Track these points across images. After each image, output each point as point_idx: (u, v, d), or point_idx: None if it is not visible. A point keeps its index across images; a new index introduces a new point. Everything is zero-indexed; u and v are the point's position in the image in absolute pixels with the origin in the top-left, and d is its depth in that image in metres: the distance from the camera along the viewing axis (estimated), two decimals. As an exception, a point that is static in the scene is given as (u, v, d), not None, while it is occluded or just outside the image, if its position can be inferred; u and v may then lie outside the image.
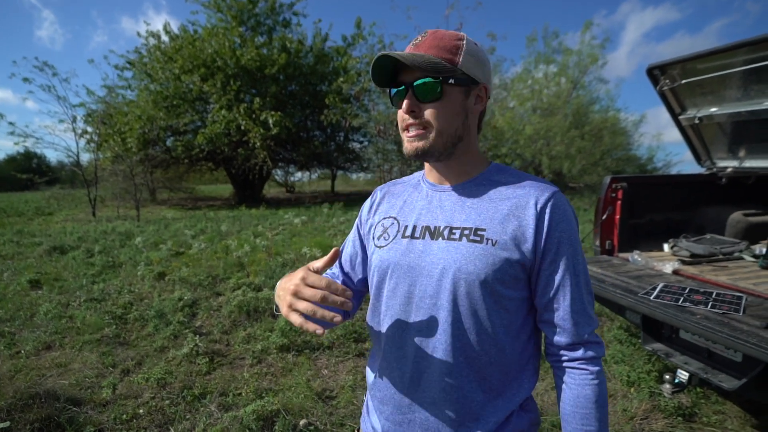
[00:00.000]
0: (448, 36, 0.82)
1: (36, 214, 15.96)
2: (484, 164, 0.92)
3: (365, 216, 1.04)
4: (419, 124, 0.83)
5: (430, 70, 0.79)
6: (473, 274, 0.79)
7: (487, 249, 0.80)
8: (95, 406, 2.74)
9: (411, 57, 0.78)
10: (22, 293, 5.11)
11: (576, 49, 18.95)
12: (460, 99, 0.84)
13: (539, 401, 2.80)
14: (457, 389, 0.83)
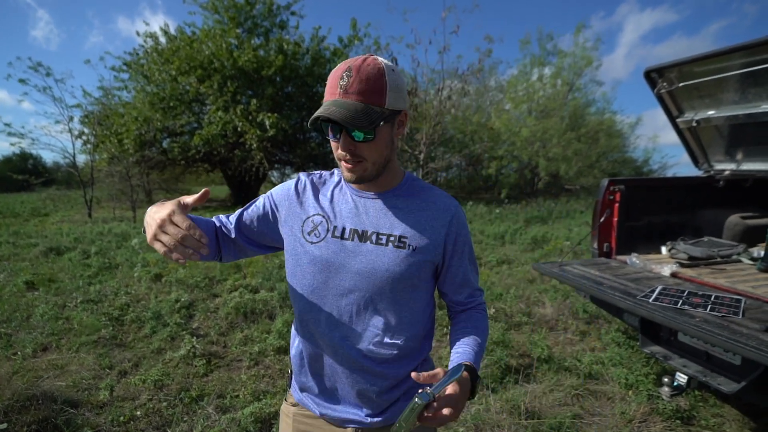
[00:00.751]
0: (373, 76, 0.90)
1: (32, 215, 15.86)
2: (401, 175, 1.09)
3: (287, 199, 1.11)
4: (354, 158, 0.95)
5: (365, 123, 0.88)
6: (398, 273, 1.00)
7: (409, 253, 1.00)
8: (92, 407, 2.72)
9: (347, 114, 0.87)
10: (19, 294, 5.07)
11: (570, 51, 19.07)
12: (389, 132, 0.97)
13: (536, 403, 2.80)
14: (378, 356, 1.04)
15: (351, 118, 0.87)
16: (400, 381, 1.08)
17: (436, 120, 12.08)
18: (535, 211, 13.63)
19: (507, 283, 5.53)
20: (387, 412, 1.09)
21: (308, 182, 1.13)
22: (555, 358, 3.37)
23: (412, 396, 0.85)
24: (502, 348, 3.46)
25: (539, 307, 4.64)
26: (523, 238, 8.61)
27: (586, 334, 3.97)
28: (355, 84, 0.90)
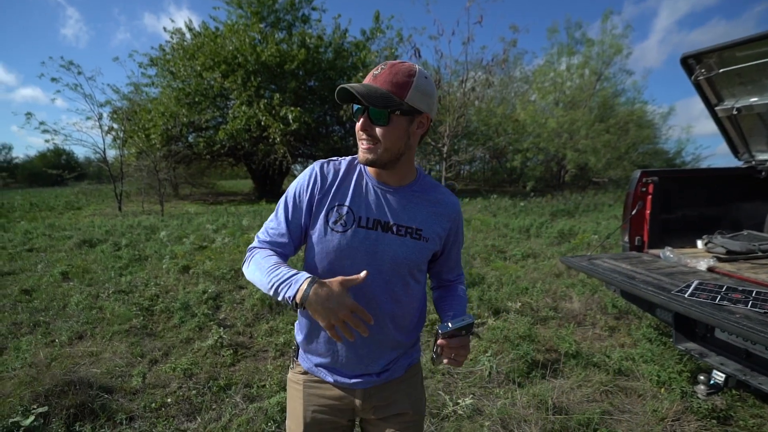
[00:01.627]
0: (402, 72, 1.03)
1: (66, 208, 16.45)
2: (415, 173, 1.21)
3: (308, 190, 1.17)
4: (370, 139, 1.06)
5: (380, 103, 1.01)
6: (415, 261, 1.15)
7: (423, 245, 1.16)
8: (126, 394, 2.81)
9: (366, 91, 0.99)
10: (55, 285, 5.27)
11: (598, 40, 18.48)
12: (405, 125, 1.06)
13: (564, 399, 2.75)
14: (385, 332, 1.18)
15: (367, 95, 0.99)
16: (406, 346, 1.27)
17: (459, 112, 11.93)
18: (561, 204, 13.35)
19: (533, 277, 5.44)
20: (389, 371, 1.24)
21: (330, 171, 1.19)
22: (583, 354, 3.30)
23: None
24: (528, 342, 3.40)
25: (566, 302, 4.55)
26: (549, 232, 8.45)
27: (615, 329, 3.87)
28: (385, 74, 1.03)
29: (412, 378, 1.30)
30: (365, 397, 1.23)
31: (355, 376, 1.21)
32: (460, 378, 3.07)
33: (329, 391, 1.23)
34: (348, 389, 1.23)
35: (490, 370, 3.05)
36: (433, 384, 2.96)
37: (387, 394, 1.25)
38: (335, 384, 1.23)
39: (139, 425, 2.49)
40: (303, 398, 1.25)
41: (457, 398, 2.74)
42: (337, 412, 1.24)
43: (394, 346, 1.22)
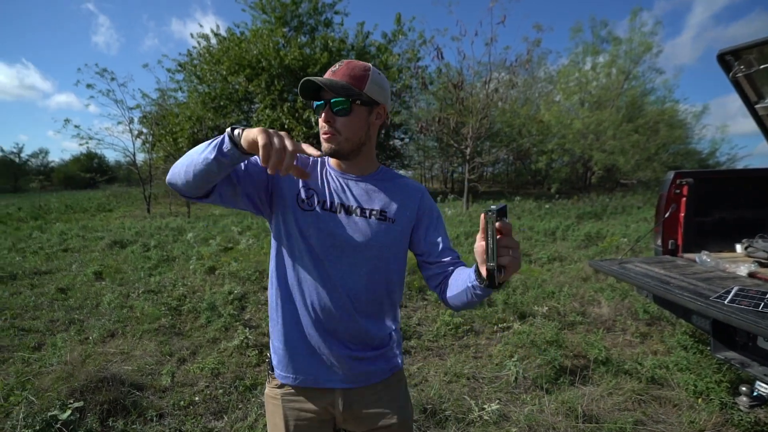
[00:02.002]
0: (358, 67, 1.11)
1: (98, 210, 17.02)
2: (377, 165, 1.25)
3: None
4: (332, 130, 1.10)
5: (342, 92, 1.07)
6: (381, 242, 1.16)
7: (390, 225, 1.17)
8: (156, 391, 2.87)
9: (329, 82, 1.06)
10: (89, 284, 5.45)
11: (626, 38, 18.01)
12: (365, 115, 1.13)
13: (594, 407, 2.68)
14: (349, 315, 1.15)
15: (330, 85, 1.05)
16: (380, 342, 1.22)
17: (482, 113, 11.81)
18: (587, 207, 13.07)
19: (559, 281, 5.33)
20: (367, 374, 1.20)
21: (301, 159, 1.25)
22: (613, 360, 3.20)
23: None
24: (555, 348, 3.33)
25: (594, 307, 4.43)
26: (576, 235, 8.28)
27: (647, 336, 3.75)
28: (343, 69, 1.10)
29: (395, 385, 1.26)
30: (346, 403, 1.19)
31: (334, 377, 1.17)
32: (486, 383, 3.02)
33: (308, 403, 1.20)
34: (327, 393, 1.18)
35: (516, 376, 2.99)
36: (458, 388, 2.93)
37: (369, 402, 1.20)
38: (312, 388, 1.19)
39: (168, 422, 2.54)
40: (283, 413, 1.21)
41: (483, 403, 2.70)
42: (319, 423, 1.21)
43: (364, 335, 1.18)
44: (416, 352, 3.52)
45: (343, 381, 1.18)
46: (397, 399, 1.25)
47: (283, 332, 1.20)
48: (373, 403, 1.21)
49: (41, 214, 14.35)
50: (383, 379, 1.23)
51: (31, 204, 18.42)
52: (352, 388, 1.19)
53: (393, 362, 1.26)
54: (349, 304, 1.15)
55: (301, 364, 1.18)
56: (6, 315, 4.30)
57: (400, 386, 1.28)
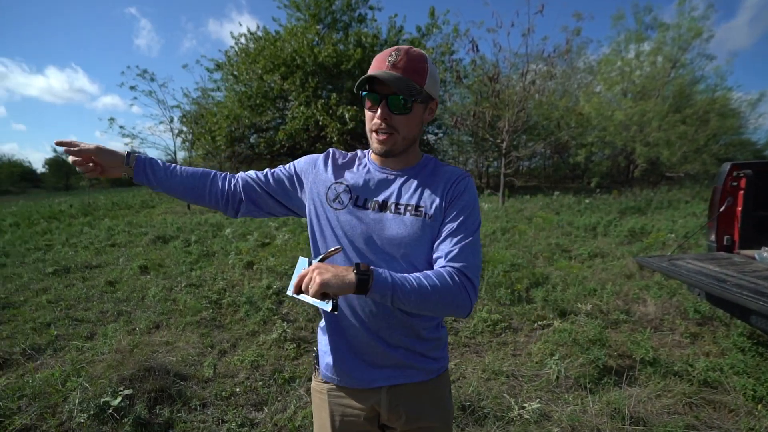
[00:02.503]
0: (418, 59, 1.03)
1: (141, 207, 17.73)
2: (419, 156, 1.18)
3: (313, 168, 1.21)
4: (389, 128, 1.05)
5: (405, 91, 1.00)
6: (416, 238, 1.07)
7: (426, 222, 1.08)
8: (198, 382, 2.96)
9: (394, 78, 0.98)
10: (135, 277, 5.69)
11: (673, 23, 17.10)
12: (420, 113, 1.08)
13: (641, 409, 2.57)
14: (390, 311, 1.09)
15: (398, 84, 0.98)
16: (424, 339, 1.15)
17: (519, 106, 11.53)
18: (630, 201, 12.55)
19: (601, 278, 5.14)
20: (411, 373, 1.15)
21: (337, 156, 1.23)
22: (661, 361, 3.06)
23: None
24: (599, 347, 3.21)
25: (639, 305, 4.25)
26: (618, 230, 7.97)
27: (698, 336, 3.56)
28: (403, 61, 1.01)
29: (441, 387, 1.21)
30: (391, 402, 1.15)
31: (378, 374, 1.14)
32: (525, 381, 2.95)
33: (354, 399, 1.18)
34: (373, 392, 1.16)
35: (557, 374, 2.90)
36: (497, 386, 2.87)
37: (414, 401, 1.17)
38: (359, 388, 1.17)
39: (211, 412, 2.61)
40: (329, 408, 1.21)
41: (523, 402, 2.64)
42: (365, 420, 1.19)
43: (408, 334, 1.12)
44: (453, 348, 3.48)
45: (388, 379, 1.15)
46: (442, 399, 1.21)
47: (326, 332, 1.20)
48: (417, 403, 1.17)
49: (90, 211, 15.12)
50: (430, 378, 1.18)
51: (81, 201, 19.44)
52: (397, 386, 1.16)
53: (440, 363, 1.20)
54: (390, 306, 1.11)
55: (345, 365, 1.17)
56: (61, 306, 4.56)
57: (446, 387, 1.23)
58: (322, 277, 0.87)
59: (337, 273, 0.89)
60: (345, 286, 0.88)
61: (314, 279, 0.88)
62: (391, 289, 0.92)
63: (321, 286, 0.87)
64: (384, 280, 0.92)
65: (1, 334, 3.81)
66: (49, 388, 2.80)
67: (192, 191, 1.24)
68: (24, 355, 3.40)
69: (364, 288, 0.90)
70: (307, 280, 0.90)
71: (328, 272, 0.89)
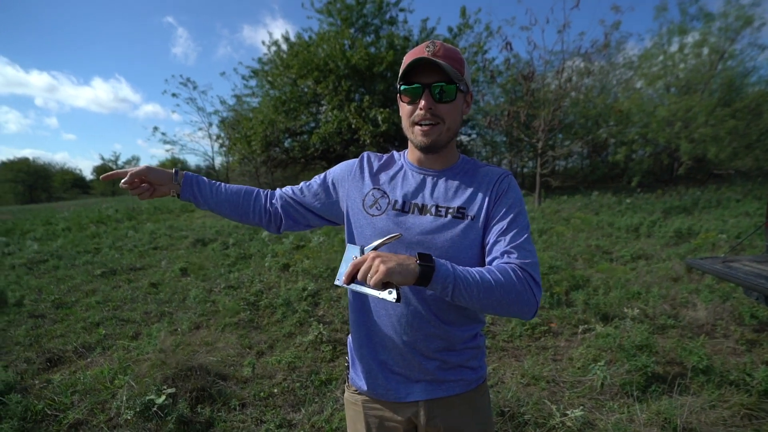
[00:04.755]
0: (454, 50, 1.02)
1: (182, 211, 18.36)
2: (457, 156, 1.14)
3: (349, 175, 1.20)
4: (434, 119, 1.01)
5: (453, 75, 0.97)
6: (458, 242, 1.03)
7: (469, 223, 1.04)
8: (238, 382, 3.01)
9: (443, 65, 0.96)
10: (176, 279, 5.89)
11: (720, 13, 16.22)
12: (462, 102, 1.06)
13: (693, 419, 2.42)
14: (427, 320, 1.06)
15: (443, 65, 0.96)
16: (463, 349, 1.11)
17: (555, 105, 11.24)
18: (675, 201, 11.99)
19: (646, 281, 4.92)
20: (450, 385, 1.11)
21: (372, 159, 1.21)
22: (715, 369, 2.88)
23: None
24: (646, 353, 3.06)
25: (689, 310, 4.03)
26: (663, 231, 7.61)
27: (755, 343, 3.34)
28: (442, 50, 1.00)
29: (479, 397, 1.16)
30: (429, 415, 1.11)
31: (410, 380, 1.11)
32: (567, 387, 2.85)
33: (391, 411, 1.15)
34: (410, 406, 1.12)
35: (602, 381, 2.79)
36: (537, 392, 2.78)
37: (453, 413, 1.12)
38: (394, 401, 1.13)
39: (250, 412, 2.65)
40: (365, 420, 1.17)
41: (565, 409, 2.54)
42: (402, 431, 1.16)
43: (446, 343, 1.08)
44: (491, 352, 3.41)
45: (424, 393, 1.11)
46: (481, 410, 1.17)
47: (359, 343, 1.17)
48: (456, 415, 1.13)
49: (134, 215, 15.79)
50: (468, 389, 1.14)
51: (126, 206, 20.34)
52: (435, 399, 1.12)
53: (479, 373, 1.16)
54: (427, 311, 1.07)
55: (379, 379, 1.14)
56: (109, 306, 4.76)
57: (485, 398, 1.19)
58: (387, 265, 0.80)
59: (401, 261, 0.82)
60: (409, 276, 0.82)
61: (377, 267, 0.81)
62: (453, 281, 0.86)
63: (386, 274, 0.79)
64: (446, 270, 0.86)
65: (56, 333, 4.02)
66: (99, 385, 2.93)
67: (237, 209, 1.26)
68: (76, 352, 3.57)
69: (427, 278, 0.84)
70: (366, 268, 0.82)
71: (392, 260, 0.82)
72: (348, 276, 0.86)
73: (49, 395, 2.82)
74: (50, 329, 4.12)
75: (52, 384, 3.00)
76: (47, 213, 19.04)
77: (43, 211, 20.84)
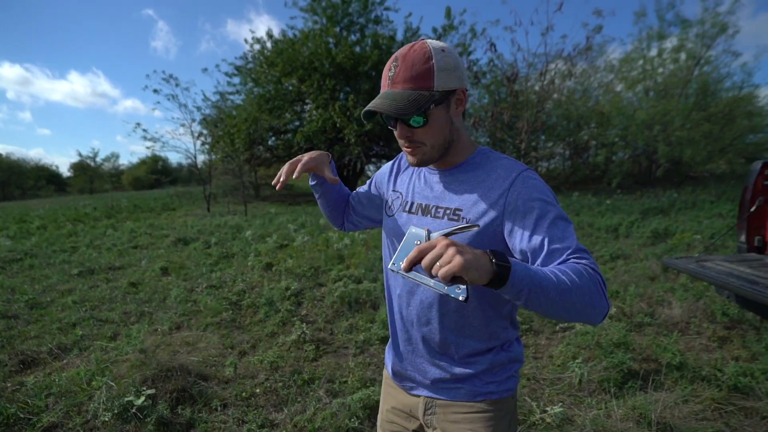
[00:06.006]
0: (419, 60, 0.92)
1: (162, 209, 18.06)
2: (471, 149, 1.08)
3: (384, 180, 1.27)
4: (413, 143, 1.00)
5: (411, 110, 0.91)
6: None
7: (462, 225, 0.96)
8: (219, 382, 2.99)
9: (392, 106, 0.91)
10: (156, 278, 5.79)
11: (696, 20, 16.68)
12: (444, 114, 0.98)
13: (667, 414, 2.48)
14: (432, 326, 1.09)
15: (396, 108, 0.91)
16: (467, 359, 1.09)
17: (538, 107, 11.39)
18: (653, 202, 12.27)
19: (624, 280, 5.03)
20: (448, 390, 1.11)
21: (402, 161, 1.25)
22: (689, 366, 2.97)
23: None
24: (623, 350, 3.13)
25: (664, 308, 4.14)
26: (641, 232, 7.79)
27: (726, 340, 3.45)
28: (401, 72, 0.94)
29: (487, 416, 1.06)
30: (426, 412, 1.15)
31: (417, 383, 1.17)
32: (547, 384, 2.90)
33: (400, 394, 1.23)
34: (411, 396, 1.19)
35: (580, 378, 2.85)
36: (518, 389, 2.83)
37: (450, 423, 1.09)
38: (400, 386, 1.23)
39: (232, 413, 2.63)
40: (383, 393, 1.30)
41: (545, 405, 2.59)
42: (406, 417, 1.22)
43: (446, 349, 1.08)
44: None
45: (425, 390, 1.16)
46: (484, 428, 1.06)
47: (390, 332, 1.26)
48: (450, 425, 1.10)
49: (113, 213, 15.47)
50: (469, 400, 1.09)
51: (104, 204, 19.92)
52: (434, 399, 1.13)
53: (488, 388, 1.08)
54: (429, 314, 1.08)
55: (394, 365, 1.22)
56: (86, 306, 4.66)
57: (492, 418, 1.07)
58: (464, 257, 0.67)
59: (478, 256, 0.70)
60: (485, 274, 0.70)
61: (452, 257, 0.67)
62: (529, 285, 0.73)
63: (462, 267, 0.66)
64: (523, 272, 0.73)
65: (29, 334, 3.92)
66: (75, 387, 2.86)
67: (336, 207, 1.37)
68: (51, 354, 3.49)
69: (503, 280, 0.71)
70: (435, 255, 0.69)
71: (468, 252, 0.69)
72: (410, 261, 0.72)
73: (22, 398, 2.74)
74: (24, 330, 4.01)
75: (26, 386, 2.92)
76: (21, 210, 18.51)
77: (17, 209, 20.25)
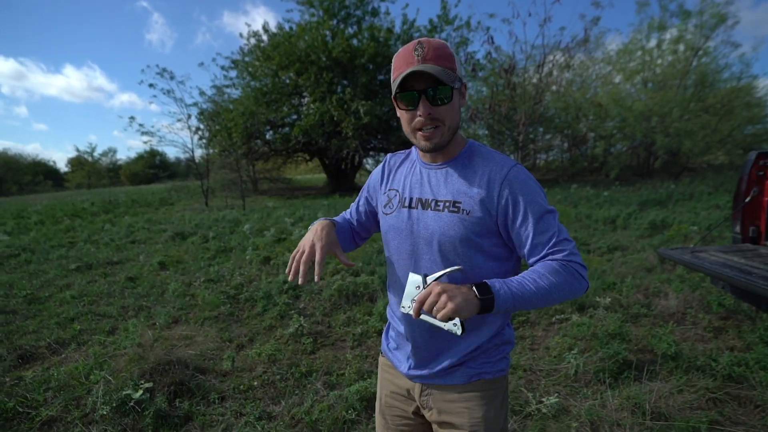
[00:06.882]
0: (442, 46, 1.01)
1: (160, 204, 18.05)
2: (463, 143, 1.14)
3: (377, 185, 1.29)
4: (434, 122, 1.02)
5: (449, 80, 0.97)
6: (454, 236, 1.05)
7: (464, 217, 1.04)
8: (217, 375, 3.00)
9: (438, 71, 0.96)
10: (154, 273, 5.80)
11: (696, 11, 16.58)
12: (458, 99, 1.05)
13: (662, 404, 2.50)
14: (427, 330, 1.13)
15: (438, 72, 0.96)
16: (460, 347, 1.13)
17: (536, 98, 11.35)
18: (651, 194, 12.28)
19: (621, 272, 5.05)
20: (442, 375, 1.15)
21: (391, 162, 1.28)
22: (684, 356, 2.99)
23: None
24: (619, 341, 3.15)
25: (661, 299, 4.16)
26: (639, 223, 7.81)
27: (722, 330, 3.47)
28: (431, 52, 0.99)
29: (481, 394, 1.13)
30: (422, 395, 1.19)
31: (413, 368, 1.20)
32: (543, 375, 2.92)
33: (397, 378, 1.26)
34: (408, 380, 1.23)
35: (576, 369, 2.86)
36: (515, 380, 2.85)
37: (444, 401, 1.15)
38: (397, 365, 1.26)
39: (229, 405, 2.64)
40: (380, 380, 1.33)
41: (541, 396, 2.61)
42: (404, 400, 1.25)
43: (440, 339, 1.13)
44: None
45: (420, 375, 1.19)
46: (478, 412, 1.12)
47: (389, 317, 1.31)
48: (446, 404, 1.15)
49: (111, 209, 15.45)
50: (464, 382, 1.14)
51: (102, 199, 19.87)
52: (429, 384, 1.18)
53: (482, 368, 1.14)
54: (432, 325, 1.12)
55: (392, 349, 1.28)
56: (84, 301, 4.67)
57: (487, 400, 1.14)
58: (455, 303, 0.88)
59: (466, 296, 0.90)
60: (473, 310, 0.90)
61: (445, 304, 0.88)
62: (513, 303, 0.93)
63: (454, 312, 0.87)
64: (505, 295, 0.93)
65: (28, 329, 3.93)
66: (74, 381, 2.88)
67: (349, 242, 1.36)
68: (49, 349, 3.50)
69: (490, 308, 0.92)
70: (432, 302, 0.90)
71: (458, 296, 0.89)
72: (416, 311, 0.94)
73: (21, 392, 2.76)
74: (22, 325, 4.02)
75: (24, 381, 2.93)
76: (19, 206, 18.47)
77: (14, 204, 20.21)
